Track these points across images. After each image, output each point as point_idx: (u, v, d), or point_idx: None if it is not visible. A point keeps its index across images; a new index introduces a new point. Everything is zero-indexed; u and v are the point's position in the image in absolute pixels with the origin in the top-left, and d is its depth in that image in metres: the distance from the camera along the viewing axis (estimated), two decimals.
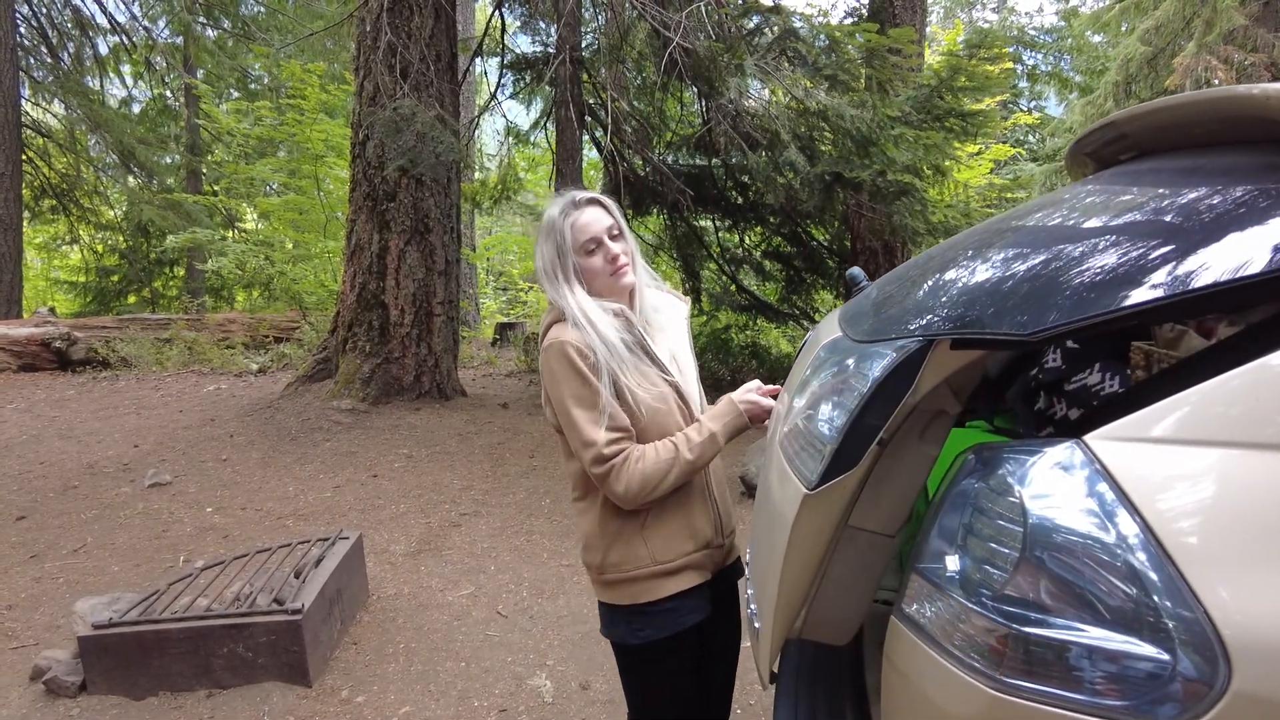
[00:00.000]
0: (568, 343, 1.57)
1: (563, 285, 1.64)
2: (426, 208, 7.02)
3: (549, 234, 1.65)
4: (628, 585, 1.68)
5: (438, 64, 6.54)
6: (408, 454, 6.00)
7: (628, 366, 1.62)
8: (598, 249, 1.64)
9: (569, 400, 1.58)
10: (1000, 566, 0.87)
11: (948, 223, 5.70)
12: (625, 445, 1.58)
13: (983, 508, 0.93)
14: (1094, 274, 1.01)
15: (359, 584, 3.56)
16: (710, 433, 1.63)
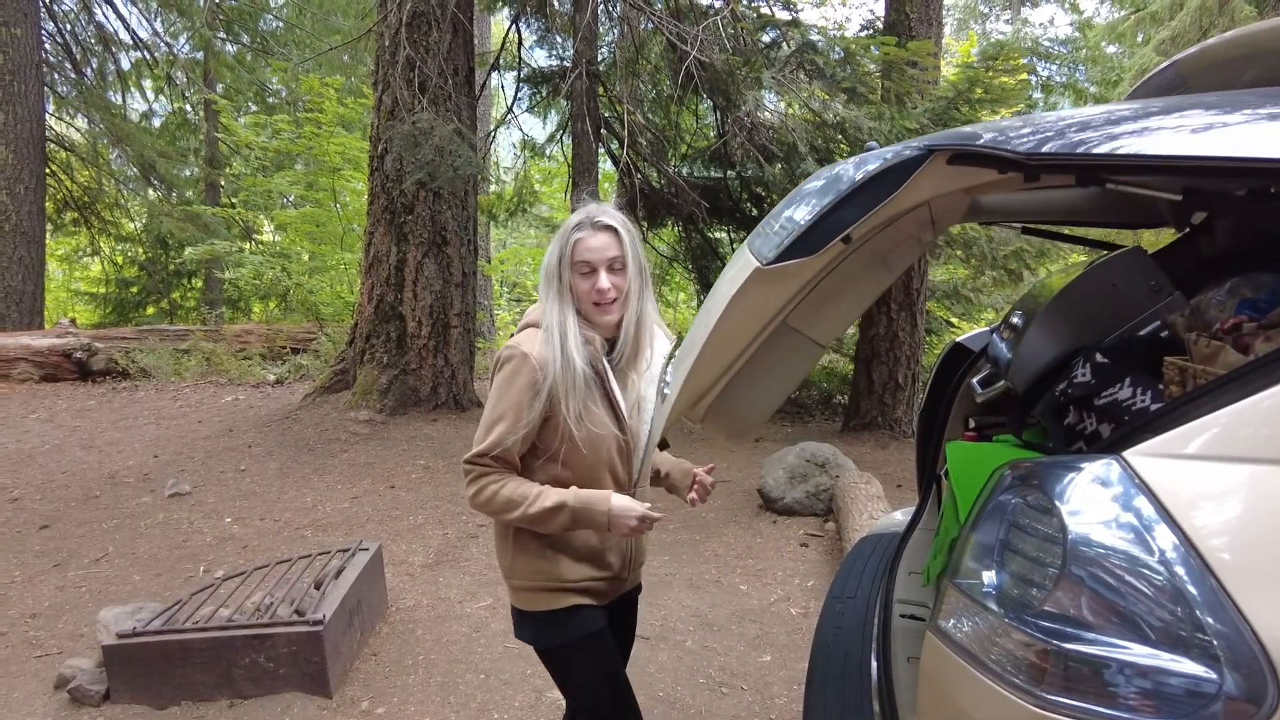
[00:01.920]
0: (530, 357, 1.60)
1: (553, 293, 1.65)
2: (444, 220, 7.07)
3: (559, 240, 1.66)
4: (530, 593, 1.72)
5: (455, 78, 6.60)
6: (425, 465, 6.02)
7: (574, 395, 1.61)
8: (590, 274, 1.63)
9: (495, 402, 1.62)
10: (1040, 582, 0.87)
11: (967, 234, 5.68)
12: (498, 471, 1.62)
13: (1021, 524, 0.93)
14: (1103, 129, 1.02)
15: (378, 595, 3.57)
16: (565, 506, 1.59)
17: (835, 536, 4.77)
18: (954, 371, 2.28)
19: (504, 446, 1.59)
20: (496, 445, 1.59)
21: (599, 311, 1.65)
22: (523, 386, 1.59)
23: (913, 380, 7.54)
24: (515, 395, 1.59)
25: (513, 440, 1.59)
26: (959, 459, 1.57)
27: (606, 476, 1.70)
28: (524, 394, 1.59)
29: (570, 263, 1.63)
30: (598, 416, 1.66)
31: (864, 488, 4.79)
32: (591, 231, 1.63)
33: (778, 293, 1.24)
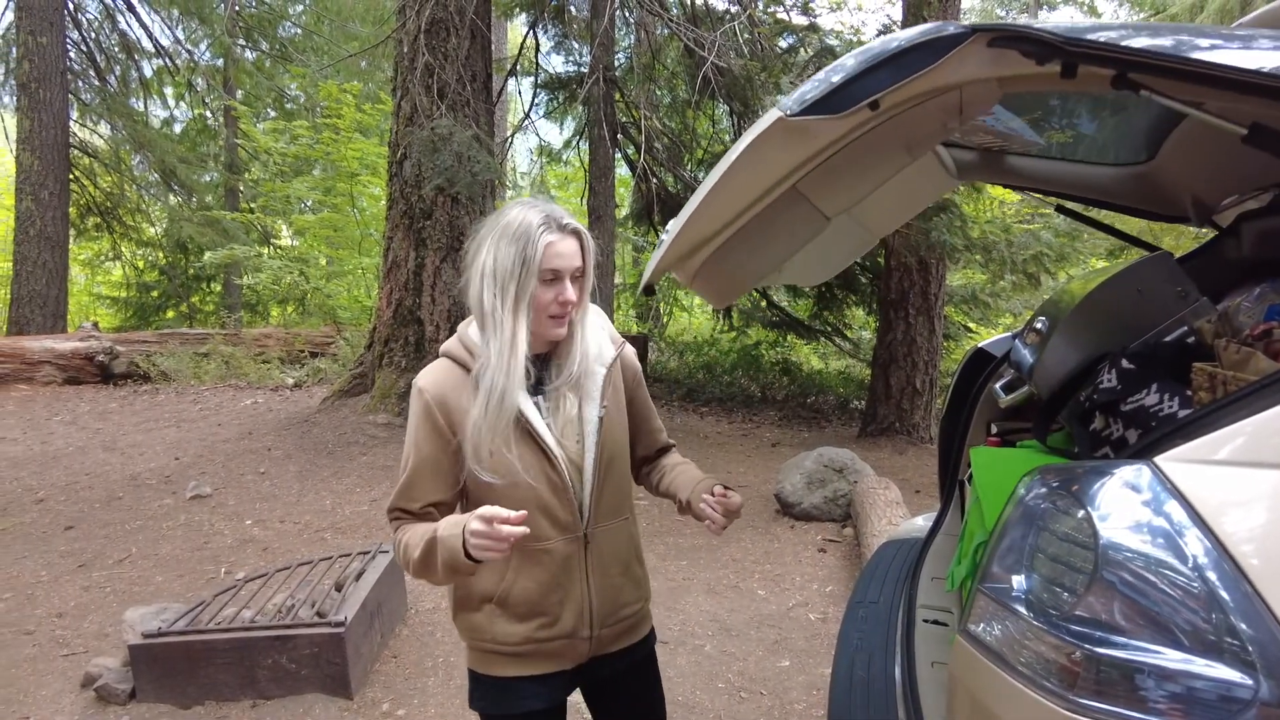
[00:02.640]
0: (436, 391, 1.44)
1: (508, 303, 1.39)
2: (462, 225, 7.11)
3: (519, 239, 1.39)
4: (471, 650, 1.55)
5: (474, 84, 6.65)
6: None
7: (490, 436, 1.40)
8: (555, 283, 1.41)
9: (410, 443, 1.46)
10: (1070, 587, 0.87)
11: (986, 238, 5.66)
12: (407, 522, 1.47)
13: (1051, 528, 0.93)
14: (1158, 35, 1.01)
15: (398, 597, 3.60)
16: (433, 542, 1.34)
17: (854, 542, 4.75)
18: (976, 377, 2.28)
19: (408, 496, 1.46)
20: (401, 493, 1.47)
21: (554, 324, 1.45)
22: (419, 423, 1.44)
23: (930, 385, 7.51)
24: (414, 434, 1.45)
25: (419, 487, 1.45)
26: (983, 464, 1.56)
27: (542, 521, 1.45)
28: (421, 431, 1.44)
29: (536, 269, 1.39)
30: (508, 461, 1.42)
31: (883, 493, 4.77)
32: (561, 235, 1.42)
33: (796, 150, 1.21)
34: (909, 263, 6.90)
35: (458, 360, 1.48)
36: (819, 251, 1.79)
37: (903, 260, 6.93)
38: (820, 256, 1.90)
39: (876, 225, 1.94)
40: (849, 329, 9.85)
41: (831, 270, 2.14)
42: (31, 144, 11.26)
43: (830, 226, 1.58)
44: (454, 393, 1.44)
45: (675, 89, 7.77)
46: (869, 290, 8.82)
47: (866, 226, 1.90)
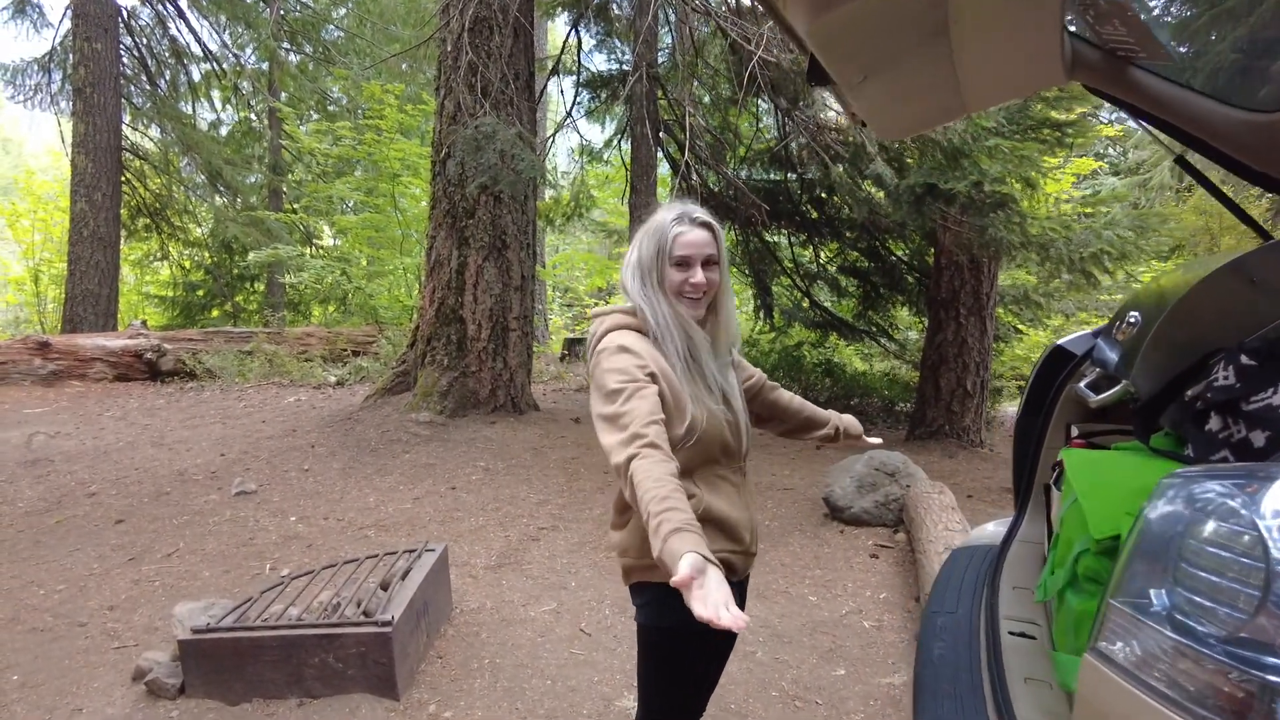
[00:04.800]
0: (627, 345, 1.58)
1: (651, 287, 1.66)
2: (504, 224, 7.10)
3: (655, 234, 1.66)
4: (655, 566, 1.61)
5: (516, 82, 6.62)
6: (485, 467, 6.03)
7: (687, 377, 1.62)
8: (685, 267, 1.65)
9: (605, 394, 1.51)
10: (1235, 606, 0.77)
11: (1045, 235, 5.48)
12: (644, 449, 1.40)
13: (1207, 539, 0.83)
14: None
15: (444, 597, 3.55)
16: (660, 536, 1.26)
17: (906, 548, 4.62)
18: (1055, 376, 2.16)
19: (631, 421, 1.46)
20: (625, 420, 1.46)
21: (687, 304, 1.67)
22: (628, 366, 1.55)
23: (981, 388, 7.32)
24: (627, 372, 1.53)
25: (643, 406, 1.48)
26: (1082, 468, 1.45)
27: (721, 455, 1.68)
28: (633, 370, 1.54)
29: (669, 256, 1.64)
30: (706, 397, 1.65)
31: (937, 498, 4.62)
32: (690, 227, 1.65)
33: None
34: (960, 261, 6.72)
35: (634, 328, 1.65)
36: (910, 86, 1.77)
37: (954, 259, 6.75)
38: (907, 95, 1.85)
39: (972, 92, 1.86)
40: (895, 329, 9.65)
41: (907, 127, 2.19)
42: (86, 147, 11.52)
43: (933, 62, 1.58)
44: (650, 347, 1.61)
45: (717, 86, 7.67)
46: (915, 290, 8.63)
47: (964, 88, 1.82)
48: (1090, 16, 1.78)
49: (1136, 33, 1.79)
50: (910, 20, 1.43)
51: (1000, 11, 1.56)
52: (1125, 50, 1.88)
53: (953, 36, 1.57)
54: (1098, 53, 1.92)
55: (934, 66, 1.68)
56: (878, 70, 1.63)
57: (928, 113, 2.01)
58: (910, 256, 8.65)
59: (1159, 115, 1.97)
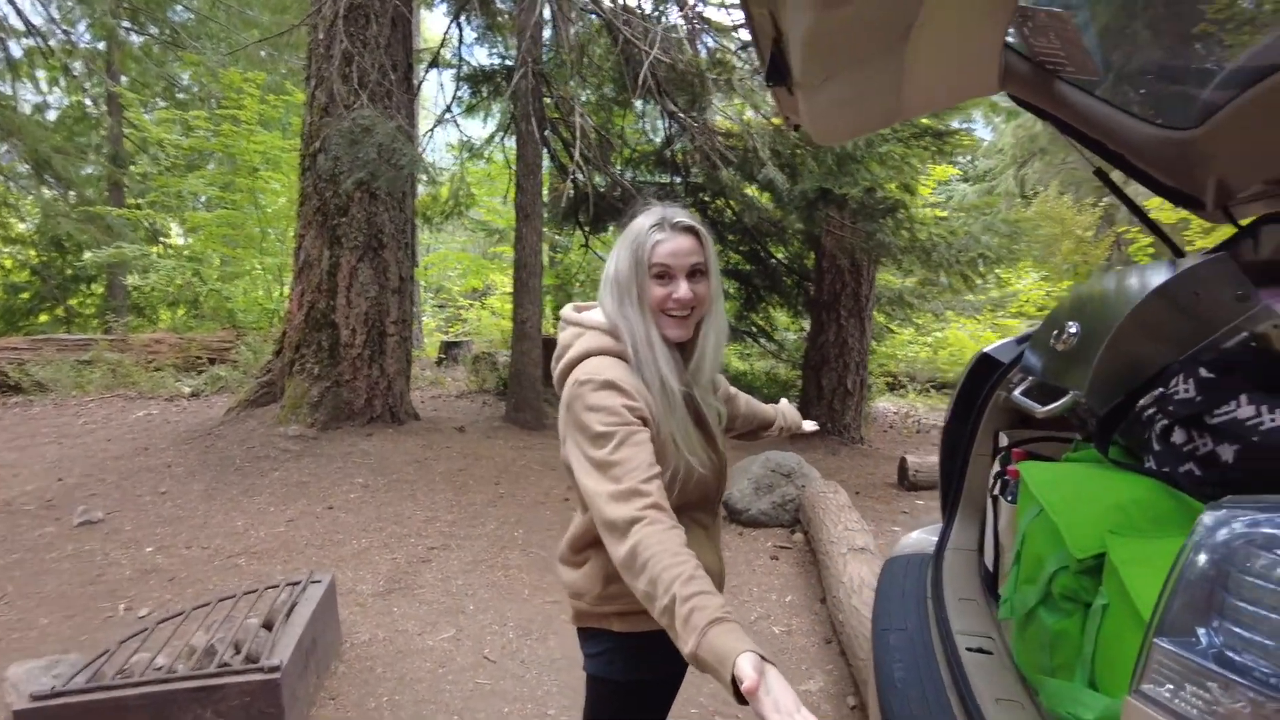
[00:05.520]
0: (615, 381, 1.37)
1: (630, 304, 1.44)
2: (381, 223, 6.71)
3: (632, 242, 1.45)
4: (625, 615, 1.48)
5: (395, 73, 6.27)
6: (363, 483, 5.66)
7: (676, 419, 1.43)
8: (666, 280, 1.44)
9: (591, 436, 1.33)
10: None
11: (930, 239, 5.71)
12: (649, 512, 1.23)
13: (1261, 574, 0.78)
14: None
15: (333, 631, 3.26)
16: (694, 627, 1.09)
17: (805, 548, 4.67)
18: (982, 384, 2.17)
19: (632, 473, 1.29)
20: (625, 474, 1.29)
21: (670, 323, 1.46)
22: (619, 408, 1.36)
23: (861, 386, 7.57)
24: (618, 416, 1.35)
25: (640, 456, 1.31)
26: (1044, 482, 1.43)
27: (702, 499, 1.54)
28: (625, 414, 1.36)
29: (648, 268, 1.43)
30: (699, 444, 1.49)
31: (832, 497, 4.70)
32: (671, 233, 1.44)
33: None
34: (842, 264, 6.92)
35: (616, 354, 1.45)
36: (862, 90, 1.72)
37: (836, 262, 6.94)
38: (855, 99, 1.79)
39: (911, 97, 1.83)
40: (775, 330, 9.87)
41: (847, 131, 2.17)
42: None
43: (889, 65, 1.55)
44: (638, 381, 1.42)
45: (603, 84, 7.56)
46: (795, 292, 8.85)
47: (905, 93, 1.79)
48: (1027, 28, 1.78)
49: (1068, 47, 1.81)
50: (890, 20, 1.37)
51: (959, 17, 1.52)
52: (1054, 63, 1.90)
53: (913, 40, 1.52)
54: (1028, 64, 1.93)
55: (888, 70, 1.64)
56: (841, 72, 1.56)
57: (868, 117, 1.97)
58: (790, 259, 8.86)
59: (1081, 129, 2.01)
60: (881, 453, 7.67)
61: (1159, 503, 1.24)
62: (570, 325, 1.54)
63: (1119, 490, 1.30)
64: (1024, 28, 1.78)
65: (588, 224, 8.68)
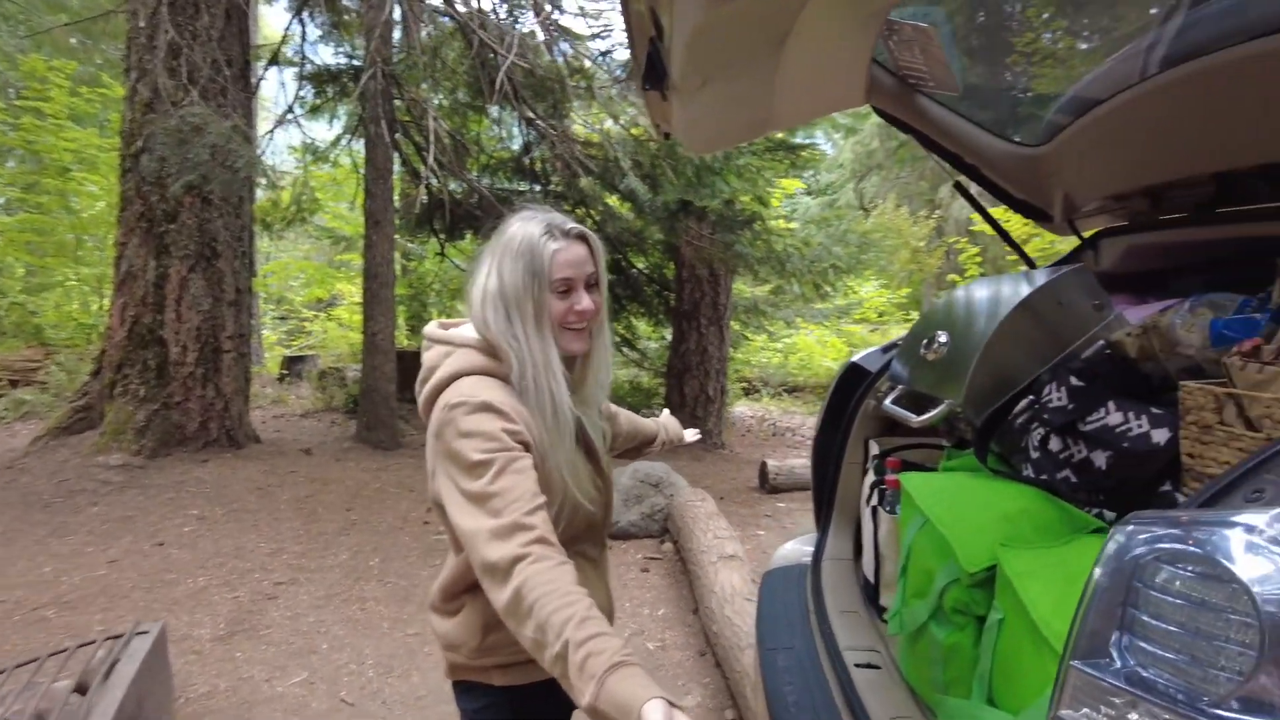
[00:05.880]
0: (492, 403, 1.23)
1: (526, 323, 1.29)
2: (214, 230, 6.17)
3: (524, 253, 1.29)
4: (505, 669, 1.35)
5: (230, 69, 5.78)
6: (199, 515, 5.16)
7: (565, 447, 1.31)
8: (569, 293, 1.32)
9: (466, 466, 1.20)
10: (1223, 666, 0.72)
11: (786, 250, 5.88)
12: (534, 548, 1.11)
13: (1165, 589, 0.78)
14: None
15: (164, 688, 2.90)
16: (591, 675, 0.98)
17: (675, 557, 4.66)
18: (852, 392, 2.20)
19: (516, 504, 1.17)
20: (507, 508, 1.16)
21: (573, 338, 1.34)
22: (500, 435, 1.23)
23: (721, 393, 7.71)
24: (496, 443, 1.22)
25: (523, 486, 1.20)
26: (928, 493, 1.43)
27: (589, 532, 1.43)
28: (505, 440, 1.23)
29: (550, 282, 1.30)
30: (587, 476, 1.38)
31: (700, 505, 4.72)
32: (567, 241, 1.32)
33: None
34: (701, 274, 7.02)
35: (493, 374, 1.32)
36: (737, 97, 1.70)
37: (695, 272, 7.04)
38: (729, 107, 1.77)
39: (782, 108, 1.83)
40: (637, 339, 9.92)
41: (717, 141, 2.26)
42: None
43: (764, 72, 1.54)
44: (518, 403, 1.29)
45: (456, 89, 7.33)
46: (655, 301, 8.92)
47: (776, 103, 1.78)
48: (893, 41, 1.82)
49: (930, 62, 1.86)
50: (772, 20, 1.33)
51: (833, 26, 1.52)
52: (916, 78, 1.96)
53: (788, 47, 1.50)
54: (891, 78, 1.98)
55: (762, 78, 1.61)
56: (718, 76, 1.51)
57: (740, 127, 1.95)
58: (651, 269, 8.92)
59: (940, 142, 2.08)
60: (742, 457, 7.84)
61: (1043, 512, 1.27)
62: (436, 343, 1.38)
63: (1004, 501, 1.32)
64: (890, 40, 1.82)
65: (443, 231, 8.39)
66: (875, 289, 16.00)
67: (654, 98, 1.75)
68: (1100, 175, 1.90)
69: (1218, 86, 1.46)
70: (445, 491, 1.22)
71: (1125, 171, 1.79)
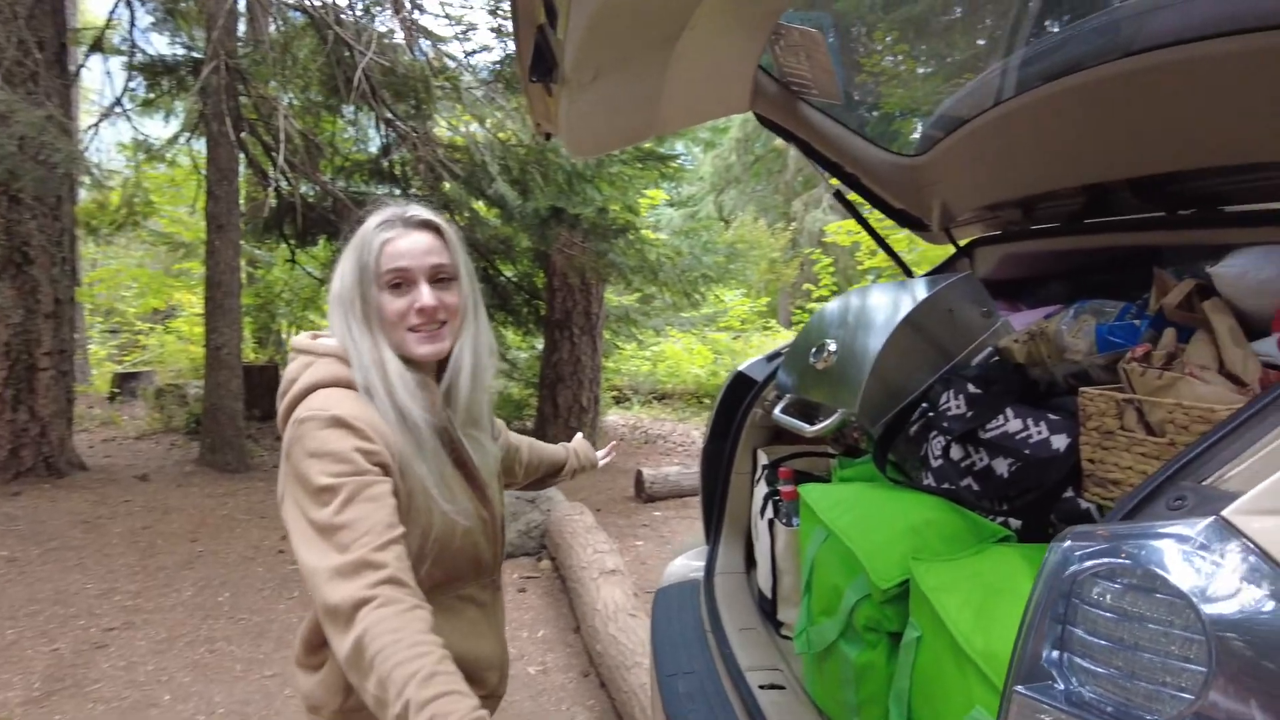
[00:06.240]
0: (345, 418, 1.09)
1: (358, 322, 1.18)
2: (26, 233, 5.50)
3: (356, 247, 1.20)
4: None
5: (43, 53, 5.16)
6: (9, 556, 4.56)
7: (427, 460, 1.16)
8: (405, 288, 1.18)
9: (312, 491, 1.05)
10: (1174, 684, 0.70)
11: (659, 259, 5.88)
12: (382, 590, 0.97)
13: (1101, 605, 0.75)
14: None
15: None
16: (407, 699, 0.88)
17: (553, 574, 4.53)
18: (739, 402, 2.17)
19: (363, 538, 1.02)
20: (368, 543, 1.01)
21: (418, 340, 1.19)
22: (352, 456, 1.08)
23: (595, 402, 7.64)
24: (349, 465, 1.07)
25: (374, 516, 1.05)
26: (830, 505, 1.40)
27: (468, 566, 1.25)
28: (359, 461, 1.08)
29: (375, 275, 1.17)
30: (461, 490, 1.22)
31: (579, 519, 4.62)
32: (404, 230, 1.19)
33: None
34: (573, 283, 6.93)
35: (350, 384, 1.17)
36: (625, 96, 1.65)
37: (566, 280, 6.93)
38: (616, 106, 1.72)
39: (668, 112, 1.80)
40: (507, 349, 9.69)
41: (601, 144, 2.24)
42: None
43: (653, 71, 1.51)
44: (374, 416, 1.13)
45: (309, 88, 6.90)
46: (524, 311, 8.74)
47: (663, 107, 1.75)
48: (780, 45, 1.80)
49: (815, 70, 1.85)
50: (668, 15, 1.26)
51: (728, 24, 1.47)
52: (799, 86, 1.95)
53: (681, 44, 1.44)
54: (776, 85, 1.97)
55: (652, 76, 1.55)
56: (611, 70, 1.43)
57: (625, 129, 1.88)
58: (519, 278, 8.74)
59: (822, 151, 2.09)
60: (616, 466, 7.78)
61: (949, 522, 1.26)
62: (300, 354, 1.23)
63: (909, 512, 1.30)
64: (777, 45, 1.80)
65: (294, 237, 7.89)
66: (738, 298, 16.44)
67: (538, 93, 1.65)
68: (976, 186, 1.96)
69: (1086, 103, 1.52)
70: (291, 520, 1.07)
71: (1000, 183, 1.85)
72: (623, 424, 10.97)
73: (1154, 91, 1.39)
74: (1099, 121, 1.54)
